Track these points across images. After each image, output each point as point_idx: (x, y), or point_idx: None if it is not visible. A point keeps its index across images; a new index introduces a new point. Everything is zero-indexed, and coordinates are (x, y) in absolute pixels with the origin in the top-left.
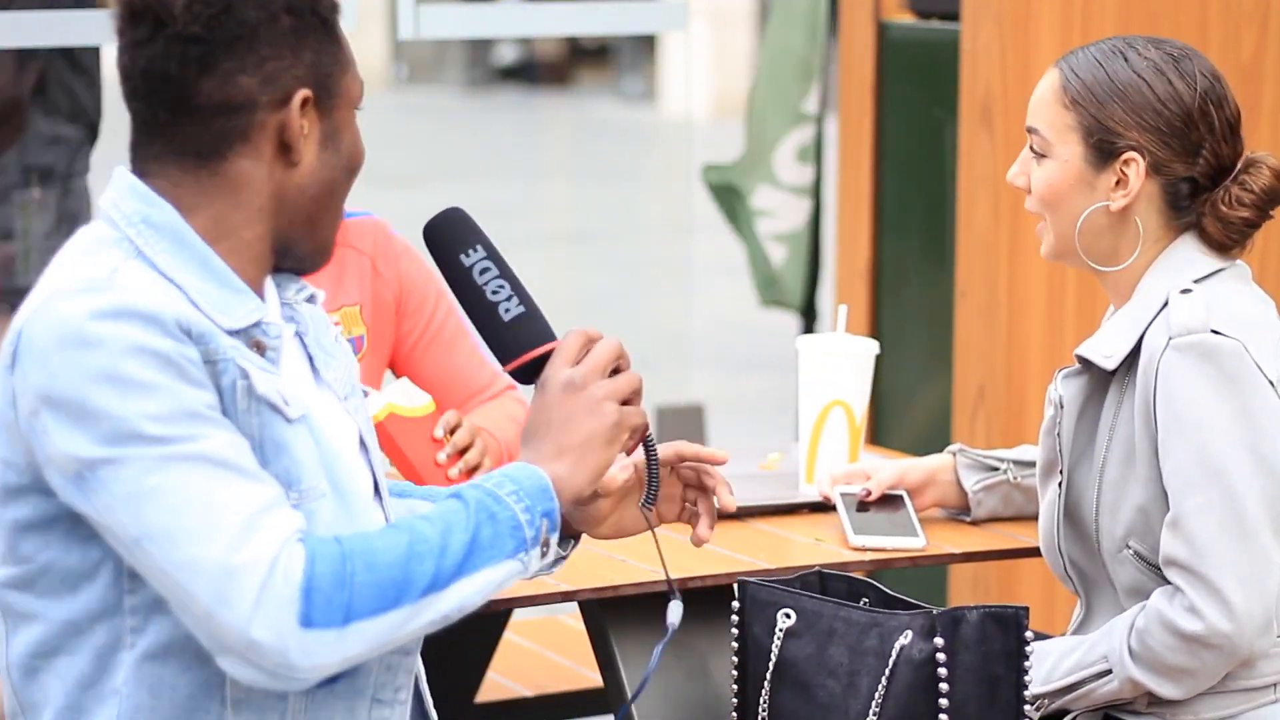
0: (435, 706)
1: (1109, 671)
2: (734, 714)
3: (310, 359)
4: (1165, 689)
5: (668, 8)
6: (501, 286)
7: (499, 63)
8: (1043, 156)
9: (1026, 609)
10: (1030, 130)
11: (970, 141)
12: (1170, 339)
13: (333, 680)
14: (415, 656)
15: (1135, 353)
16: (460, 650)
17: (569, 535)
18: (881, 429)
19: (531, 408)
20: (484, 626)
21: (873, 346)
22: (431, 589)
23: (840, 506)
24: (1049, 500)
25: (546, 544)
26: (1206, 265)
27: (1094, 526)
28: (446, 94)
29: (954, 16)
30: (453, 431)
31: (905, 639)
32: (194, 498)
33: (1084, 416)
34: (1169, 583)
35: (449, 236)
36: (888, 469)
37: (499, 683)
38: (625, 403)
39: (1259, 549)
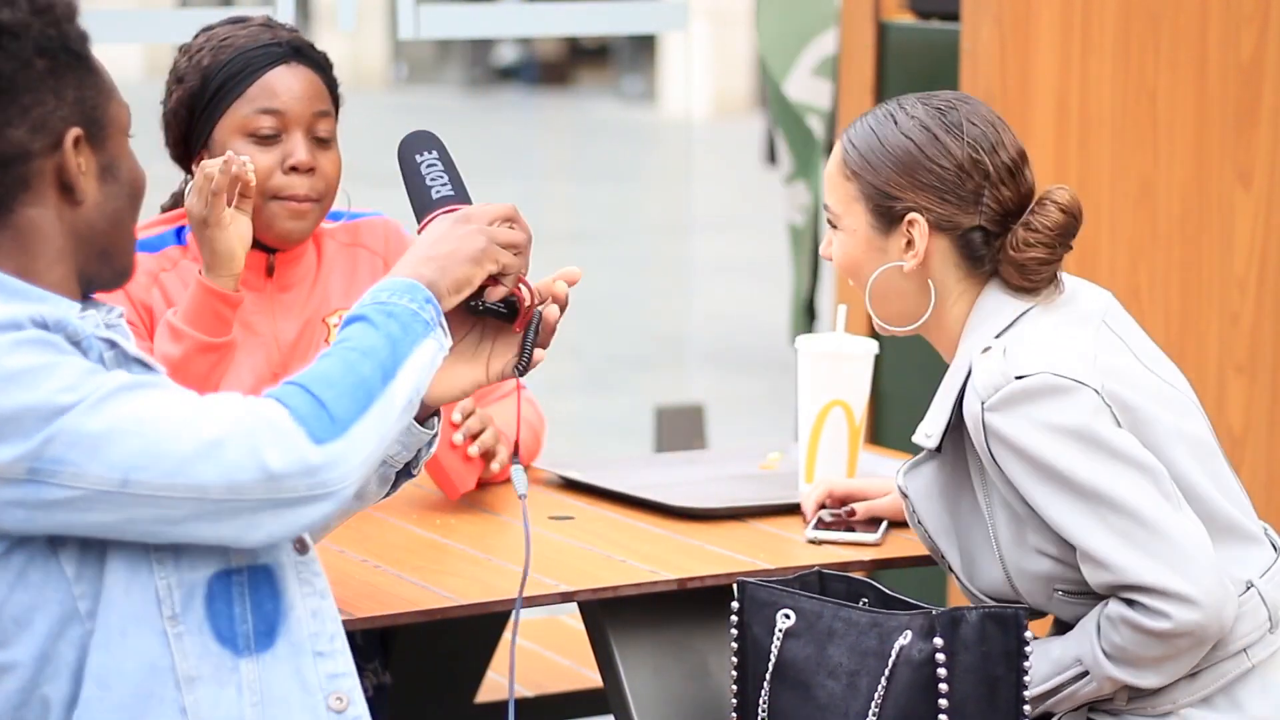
0: (436, 706)
1: (1086, 673)
2: (734, 714)
3: None
4: (1147, 680)
5: (667, 8)
6: (441, 176)
7: (499, 63)
8: (835, 229)
9: (1026, 609)
10: (825, 206)
11: None
12: (983, 404)
13: (272, 642)
14: (331, 600)
15: (961, 423)
16: (460, 650)
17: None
18: (881, 429)
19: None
20: (483, 626)
21: (872, 346)
22: (387, 378)
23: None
24: (958, 584)
25: (443, 325)
26: (1013, 310)
27: (1013, 590)
28: (446, 94)
29: (954, 17)
30: (466, 418)
31: (905, 639)
32: (143, 415)
33: (948, 497)
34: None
35: (414, 144)
36: (879, 502)
37: (499, 683)
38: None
39: (1174, 535)
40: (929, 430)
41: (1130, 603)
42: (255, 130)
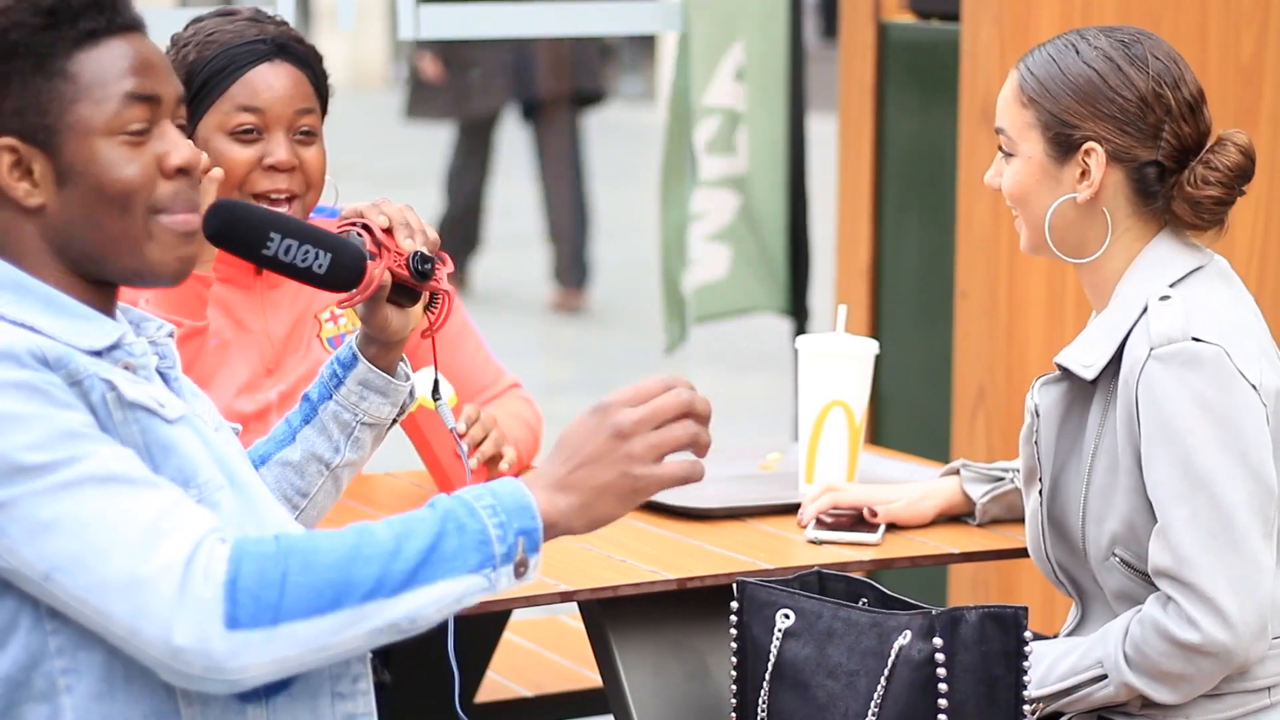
0: (434, 706)
1: (1104, 677)
2: (733, 714)
3: (179, 395)
4: (1161, 694)
5: (666, 8)
6: (307, 252)
7: None
8: (1010, 155)
9: (1025, 609)
10: (998, 131)
11: (970, 142)
12: (1151, 349)
13: (287, 684)
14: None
15: (1116, 361)
16: (459, 650)
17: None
18: (881, 429)
19: (572, 424)
20: (483, 626)
21: (872, 346)
22: (376, 594)
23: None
24: (1032, 508)
25: (523, 565)
26: (1184, 265)
27: (1080, 535)
28: None
29: (954, 17)
30: (470, 426)
31: (904, 639)
32: (90, 520)
33: (1065, 425)
34: (1159, 589)
35: (243, 238)
36: (894, 506)
37: (498, 683)
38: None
39: (1250, 555)
40: (1087, 361)
41: (1167, 604)
42: (235, 128)
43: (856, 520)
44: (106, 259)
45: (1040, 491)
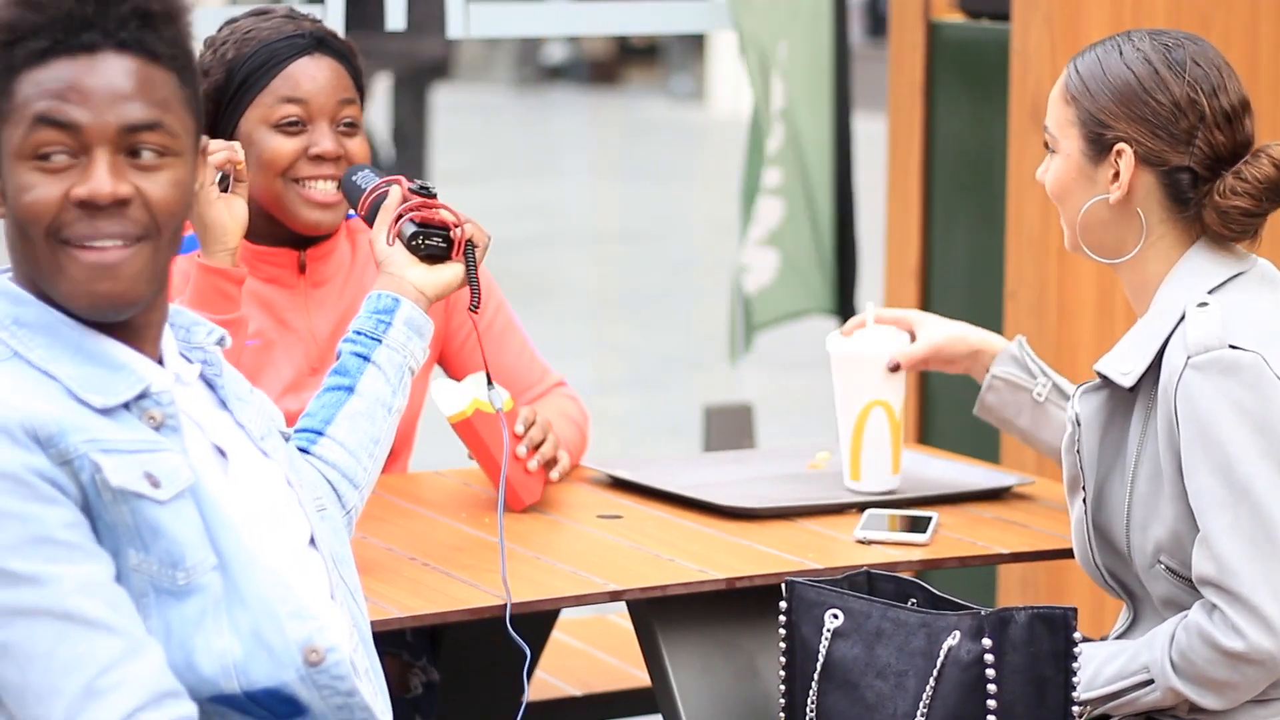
0: (484, 704)
1: (1151, 681)
2: (781, 714)
3: (227, 404)
4: (1207, 700)
5: (716, 7)
6: (371, 178)
7: (548, 61)
8: (1053, 153)
9: (1075, 610)
10: (1045, 129)
11: (1020, 141)
12: (1188, 357)
13: None
14: (360, 695)
15: (1156, 368)
16: (509, 648)
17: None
18: (929, 429)
19: None
20: (532, 626)
21: (904, 340)
22: None
23: (865, 514)
24: (1077, 516)
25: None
26: (1224, 271)
27: (1125, 542)
28: (495, 92)
29: (1004, 16)
30: (528, 428)
31: (953, 640)
32: (36, 657)
33: (1108, 432)
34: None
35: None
36: (937, 332)
37: (547, 682)
38: None
39: None
40: (1126, 369)
41: (1212, 611)
42: (280, 120)
43: (907, 522)
44: (50, 288)
45: (1084, 500)
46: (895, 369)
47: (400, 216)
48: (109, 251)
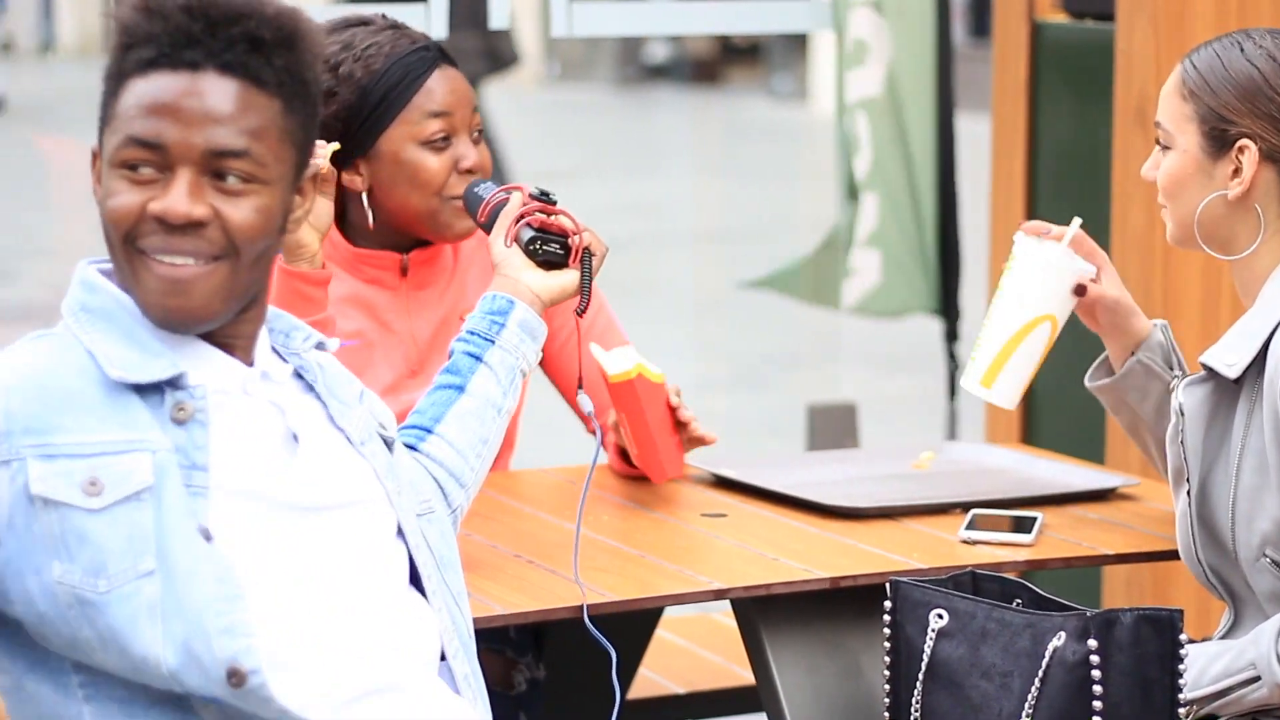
0: (589, 702)
1: (1257, 679)
2: (886, 714)
3: (325, 404)
4: None
5: (817, 7)
6: (490, 187)
7: (650, 60)
8: (1166, 149)
9: (1181, 612)
10: (1156, 124)
11: (1124, 142)
12: None
13: None
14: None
15: (1261, 360)
16: (613, 646)
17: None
18: (1034, 428)
19: None
20: (636, 624)
21: (1090, 269)
22: None
23: (970, 514)
24: (1181, 509)
25: None
26: None
27: (1230, 536)
28: (598, 91)
29: (1108, 16)
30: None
31: (1059, 640)
32: None
33: (1212, 425)
34: None
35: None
36: (1118, 286)
37: (651, 679)
38: None
39: None
40: (1231, 360)
41: None
42: (429, 137)
43: (1012, 522)
44: (125, 288)
45: (1189, 492)
46: (1081, 293)
47: (519, 219)
48: (182, 268)
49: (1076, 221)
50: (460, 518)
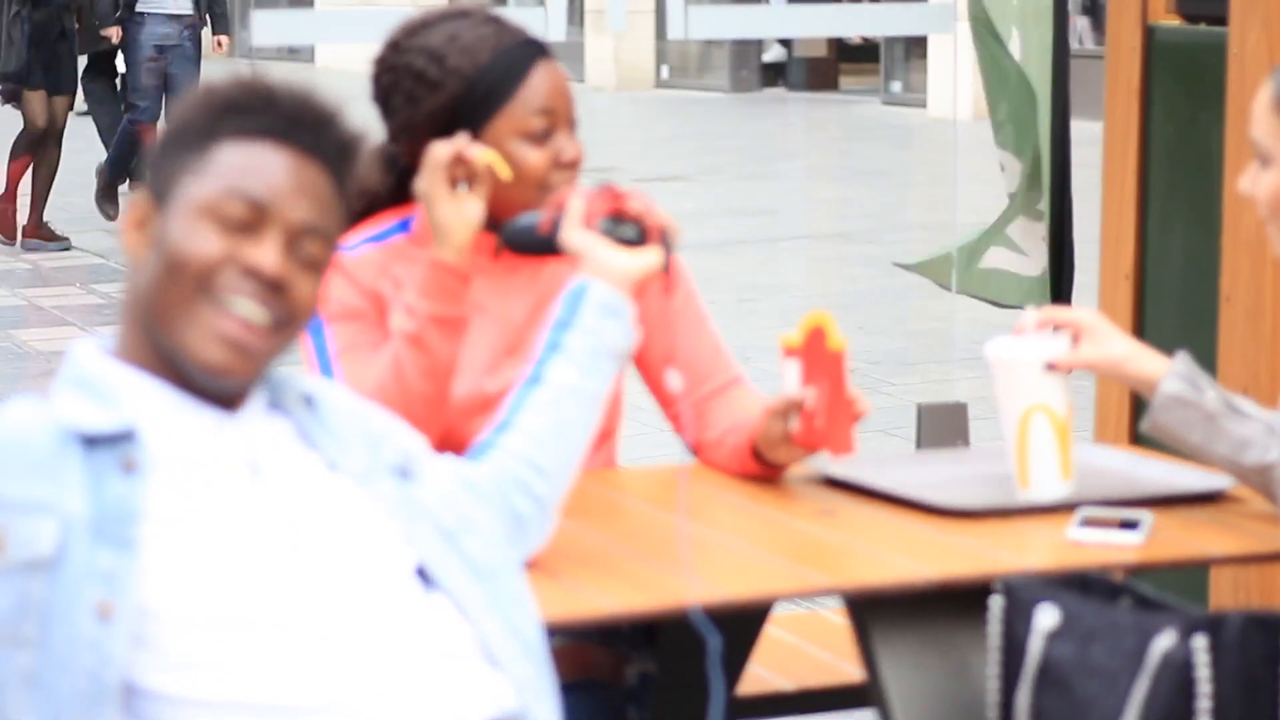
0: (699, 697)
1: None
2: (993, 713)
3: (321, 451)
4: None
5: (934, 9)
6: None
7: (765, 62)
8: (1264, 165)
9: None
10: (1253, 140)
11: (1237, 145)
12: None
13: None
14: None
15: None
16: (723, 641)
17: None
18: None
19: None
20: (745, 621)
21: (1062, 345)
22: None
23: (1078, 513)
24: None
25: None
26: None
27: None
28: (711, 93)
29: (1222, 20)
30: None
31: (1166, 641)
32: None
33: None
34: None
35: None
36: (1100, 350)
37: (760, 676)
38: None
39: None
40: None
41: None
42: (534, 132)
43: (1120, 522)
44: (163, 335)
45: None
46: (1052, 369)
47: (596, 209)
48: (253, 330)
49: (1029, 309)
50: (549, 509)
